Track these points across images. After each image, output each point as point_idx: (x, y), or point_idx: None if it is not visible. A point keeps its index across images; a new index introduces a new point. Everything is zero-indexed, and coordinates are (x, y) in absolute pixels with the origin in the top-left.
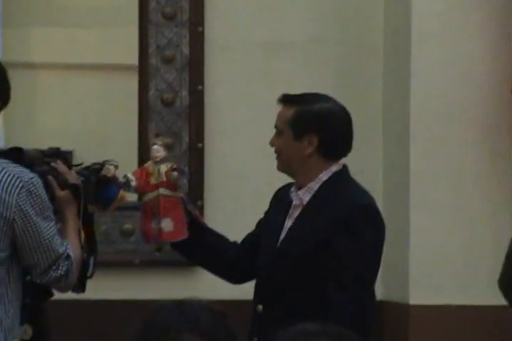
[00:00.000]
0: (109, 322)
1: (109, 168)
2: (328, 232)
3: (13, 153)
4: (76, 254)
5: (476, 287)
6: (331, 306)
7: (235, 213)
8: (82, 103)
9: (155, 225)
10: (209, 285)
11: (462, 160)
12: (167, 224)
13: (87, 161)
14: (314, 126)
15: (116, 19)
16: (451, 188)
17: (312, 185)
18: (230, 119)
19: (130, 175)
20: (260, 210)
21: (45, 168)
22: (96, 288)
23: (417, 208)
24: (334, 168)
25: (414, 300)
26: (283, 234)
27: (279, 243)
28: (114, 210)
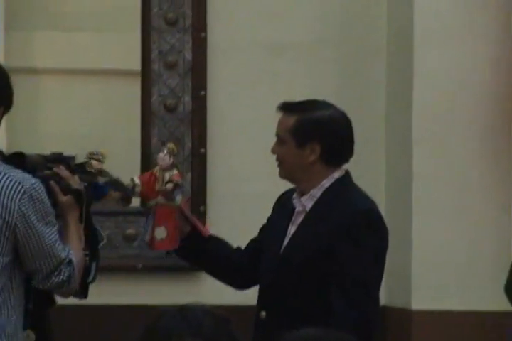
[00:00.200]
0: (112, 327)
1: (92, 162)
2: (331, 239)
3: (15, 158)
4: (78, 259)
5: (478, 292)
6: (333, 312)
7: (238, 218)
8: (85, 108)
9: (149, 232)
10: (212, 291)
11: (465, 163)
12: (160, 232)
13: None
14: (316, 134)
15: (119, 25)
16: (454, 191)
17: (315, 192)
18: (233, 124)
19: (137, 179)
20: (263, 215)
21: (47, 173)
22: (99, 293)
23: (419, 211)
24: (337, 175)
25: (416, 306)
26: (286, 240)
27: (282, 249)
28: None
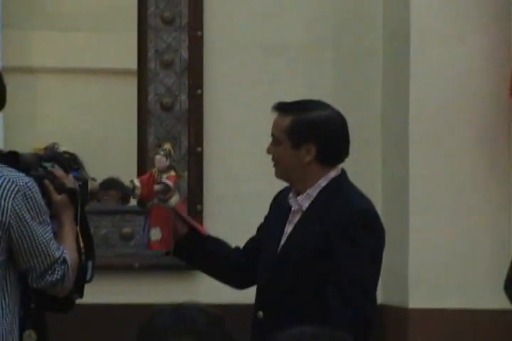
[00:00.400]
0: (109, 326)
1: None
2: (328, 238)
3: (9, 157)
4: (73, 258)
5: (475, 291)
6: (330, 311)
7: (235, 217)
8: (82, 107)
9: (145, 233)
10: (209, 289)
11: (461, 163)
12: (155, 233)
13: (86, 165)
14: (312, 134)
15: (115, 24)
16: (451, 191)
17: (311, 191)
18: (230, 123)
19: (137, 181)
20: (260, 214)
21: (41, 172)
22: (95, 292)
23: (416, 211)
24: (333, 174)
25: (413, 304)
26: (283, 239)
27: (279, 249)
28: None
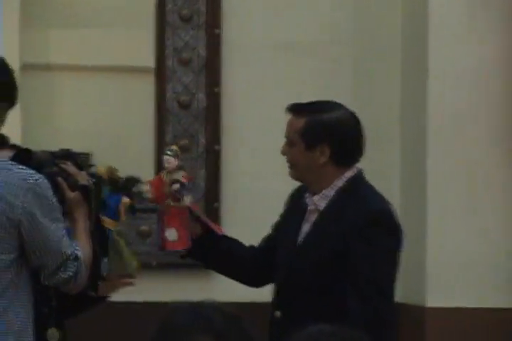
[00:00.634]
0: (126, 324)
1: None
2: (344, 238)
3: (22, 155)
4: (86, 255)
5: (493, 289)
6: (347, 310)
7: (252, 215)
8: (99, 105)
9: (159, 234)
10: (225, 288)
11: (480, 162)
12: (171, 233)
13: (104, 163)
14: (325, 136)
15: (133, 21)
16: (469, 190)
17: (327, 192)
18: (247, 121)
19: (145, 186)
20: (277, 211)
21: (54, 169)
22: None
23: (434, 210)
24: (349, 174)
25: (431, 303)
26: (299, 238)
27: (296, 247)
28: (124, 216)
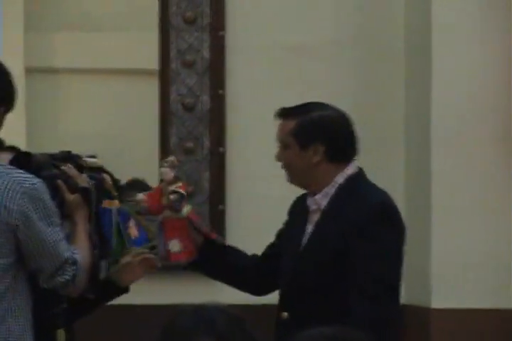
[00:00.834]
0: (131, 326)
1: (105, 177)
2: (348, 236)
3: (21, 158)
4: (85, 258)
5: (498, 290)
6: (351, 309)
7: (257, 217)
8: (104, 108)
9: (162, 246)
10: (230, 290)
11: (484, 163)
12: (174, 245)
13: (108, 166)
14: (317, 134)
15: (137, 24)
16: (473, 190)
17: (328, 189)
18: (251, 123)
19: (140, 195)
20: (282, 214)
21: (54, 171)
22: None
23: (439, 211)
24: (349, 171)
25: (436, 304)
26: (304, 239)
27: (301, 249)
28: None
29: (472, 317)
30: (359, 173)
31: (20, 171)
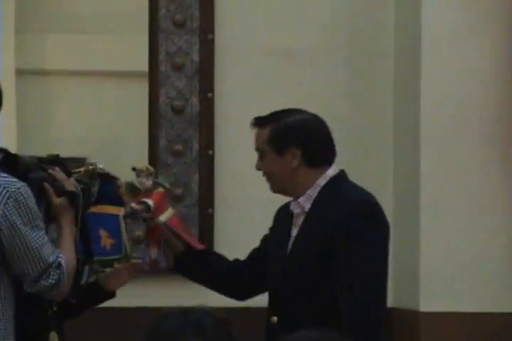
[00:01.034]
0: (122, 329)
1: (120, 184)
2: (332, 237)
3: (8, 160)
4: (70, 263)
5: (488, 294)
6: (341, 310)
7: (246, 220)
8: (94, 110)
9: (143, 254)
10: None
11: (474, 162)
12: (154, 252)
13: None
14: (292, 138)
15: (126, 26)
16: (462, 191)
17: (311, 192)
18: (241, 126)
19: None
20: (271, 218)
21: (41, 174)
22: None
23: (427, 212)
24: (331, 173)
25: (424, 307)
26: (290, 243)
27: (287, 252)
28: (127, 197)
29: (460, 320)
30: (341, 174)
31: (5, 175)
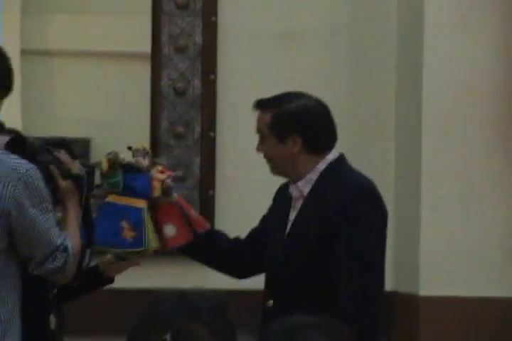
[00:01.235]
0: (125, 310)
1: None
2: (330, 221)
3: (16, 142)
4: (75, 246)
5: (486, 278)
6: (339, 293)
7: (247, 202)
8: (98, 91)
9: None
10: (216, 275)
11: (474, 152)
12: (169, 229)
13: (100, 150)
14: (294, 126)
15: (130, 8)
16: (463, 180)
17: (310, 176)
18: (242, 108)
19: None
20: (272, 200)
21: (48, 157)
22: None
23: (428, 200)
24: (331, 157)
25: (424, 292)
26: (288, 226)
27: (285, 235)
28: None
29: (460, 304)
30: (340, 158)
31: (14, 156)
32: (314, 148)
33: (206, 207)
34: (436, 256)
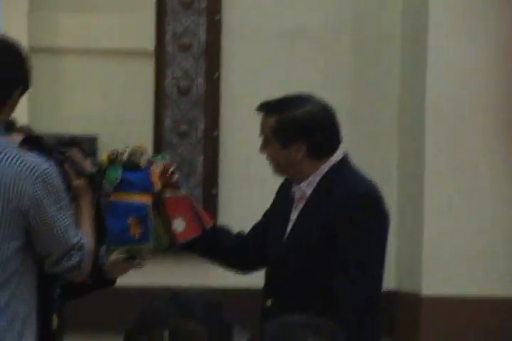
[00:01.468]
0: (126, 309)
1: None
2: (331, 224)
3: (31, 140)
4: (90, 244)
5: (488, 278)
6: (335, 294)
7: (250, 201)
8: (104, 89)
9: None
10: (220, 273)
11: (478, 152)
12: (178, 224)
13: (103, 147)
14: (299, 133)
15: (134, 5)
16: (466, 179)
17: (313, 177)
18: (246, 107)
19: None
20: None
21: (61, 156)
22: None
23: (431, 199)
24: (334, 159)
25: (426, 291)
26: (289, 227)
27: (286, 236)
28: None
29: (462, 303)
30: (344, 160)
31: (33, 154)
32: (318, 154)
33: (209, 206)
34: (438, 256)
